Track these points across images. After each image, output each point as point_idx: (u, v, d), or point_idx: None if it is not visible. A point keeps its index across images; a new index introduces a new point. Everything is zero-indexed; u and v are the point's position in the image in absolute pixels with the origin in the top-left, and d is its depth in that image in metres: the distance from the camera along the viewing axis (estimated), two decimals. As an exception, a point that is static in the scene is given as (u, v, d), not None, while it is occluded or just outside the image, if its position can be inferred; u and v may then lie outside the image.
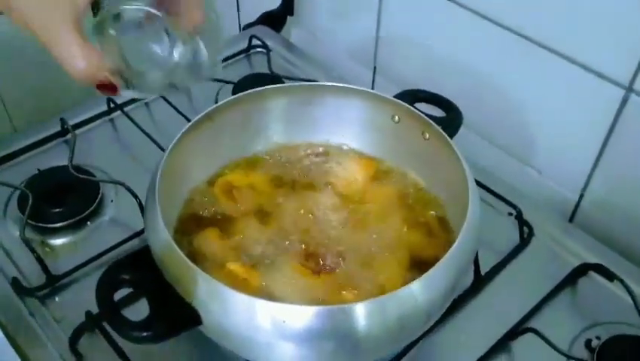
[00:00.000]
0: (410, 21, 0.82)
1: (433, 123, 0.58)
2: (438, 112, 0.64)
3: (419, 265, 0.54)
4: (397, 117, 0.61)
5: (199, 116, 0.58)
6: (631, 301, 0.59)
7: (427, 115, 0.59)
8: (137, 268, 0.47)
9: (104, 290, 0.46)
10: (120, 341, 0.55)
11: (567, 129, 0.71)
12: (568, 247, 0.67)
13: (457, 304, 0.61)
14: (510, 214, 0.70)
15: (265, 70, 0.87)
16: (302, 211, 0.59)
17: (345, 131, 0.65)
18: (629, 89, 0.63)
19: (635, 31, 0.59)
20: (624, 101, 0.64)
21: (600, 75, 0.64)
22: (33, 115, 0.79)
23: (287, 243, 0.56)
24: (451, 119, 0.62)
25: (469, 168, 0.53)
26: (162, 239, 0.46)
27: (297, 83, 0.64)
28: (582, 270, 0.64)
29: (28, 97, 1.39)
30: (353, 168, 0.63)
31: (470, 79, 0.78)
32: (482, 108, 0.78)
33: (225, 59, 0.90)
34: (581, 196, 0.73)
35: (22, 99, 1.40)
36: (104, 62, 0.43)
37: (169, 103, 0.79)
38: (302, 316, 0.43)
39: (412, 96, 0.64)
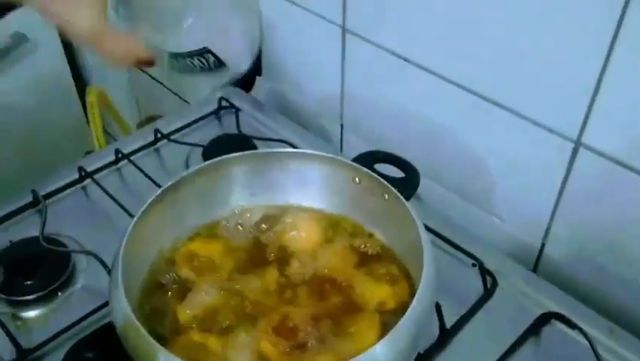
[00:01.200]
0: (371, 79, 0.85)
1: (389, 186, 0.60)
2: (398, 172, 0.66)
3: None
4: (357, 179, 0.64)
5: (164, 187, 0.60)
6: (589, 347, 0.61)
7: (385, 177, 0.61)
8: (100, 346, 0.48)
9: (68, 370, 0.47)
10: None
11: (524, 179, 0.73)
12: (531, 296, 0.69)
13: (424, 359, 0.62)
14: (474, 265, 0.71)
15: (234, 130, 0.90)
16: (269, 278, 0.60)
17: (308, 193, 0.66)
18: (578, 142, 0.65)
19: (579, 83, 0.62)
20: (574, 152, 0.66)
21: (549, 130, 0.67)
22: (4, 188, 0.80)
23: (253, 310, 0.57)
24: (409, 180, 0.65)
25: (424, 230, 0.56)
26: (124, 316, 0.47)
27: (259, 151, 0.67)
28: (545, 319, 0.66)
29: (4, 162, 1.41)
30: (316, 230, 0.65)
31: (431, 133, 0.81)
32: (443, 160, 0.80)
33: (195, 121, 0.93)
34: (543, 244, 0.75)
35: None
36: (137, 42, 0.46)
37: (139, 168, 0.81)
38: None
39: (371, 157, 0.66)
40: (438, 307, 0.61)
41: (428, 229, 0.59)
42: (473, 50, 0.70)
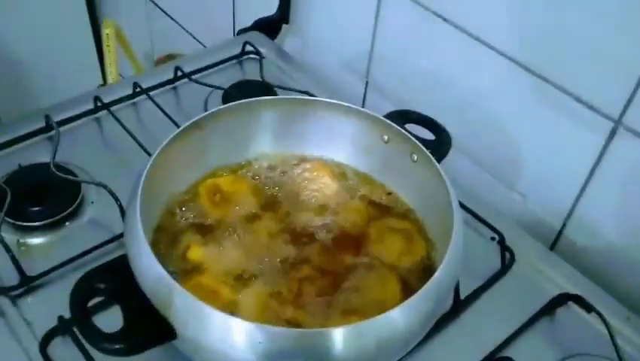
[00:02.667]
0: (405, 40, 0.82)
1: (422, 146, 0.57)
2: (428, 134, 0.64)
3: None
4: (386, 137, 0.61)
5: (188, 123, 0.57)
6: (607, 333, 0.60)
7: (416, 137, 0.59)
8: (113, 277, 0.46)
9: (78, 298, 0.45)
10: (92, 350, 0.53)
11: (554, 157, 0.71)
12: (549, 275, 0.67)
13: (435, 327, 0.60)
14: (493, 239, 0.70)
15: (257, 77, 0.87)
16: (284, 226, 0.58)
17: (334, 146, 0.64)
18: (618, 121, 0.63)
19: (628, 66, 0.60)
20: (612, 133, 0.64)
21: (591, 107, 0.64)
22: (18, 109, 0.77)
23: (265, 259, 0.55)
24: (440, 143, 0.62)
25: (455, 194, 0.53)
26: (140, 251, 0.46)
27: (289, 97, 0.64)
28: (561, 300, 0.64)
29: (14, 91, 1.39)
30: (337, 183, 0.63)
31: (462, 101, 0.78)
32: (471, 130, 0.78)
33: (217, 64, 0.90)
34: (564, 225, 0.73)
35: (8, 92, 1.40)
36: None
37: (157, 105, 0.78)
38: (279, 338, 0.42)
39: (403, 117, 0.64)
40: (454, 277, 0.60)
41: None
42: (519, 18, 0.67)
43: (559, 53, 0.65)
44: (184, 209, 0.58)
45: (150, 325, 0.44)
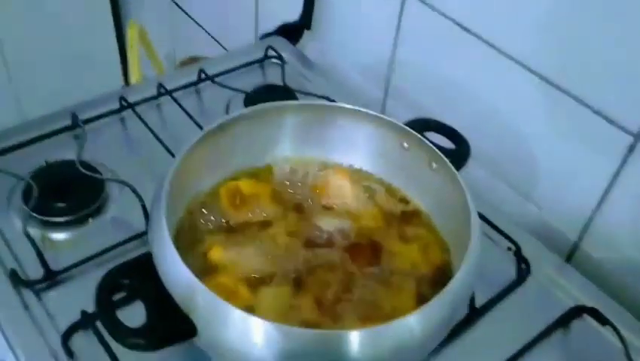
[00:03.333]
0: (426, 48, 0.82)
1: (441, 154, 0.58)
2: (447, 143, 0.64)
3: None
4: (406, 144, 0.62)
5: (211, 126, 0.58)
6: (622, 347, 0.60)
7: (436, 146, 0.60)
8: (138, 274, 0.47)
9: (103, 293, 0.46)
10: (113, 344, 0.55)
11: (572, 169, 0.71)
12: (564, 287, 0.68)
13: (449, 335, 0.61)
14: (509, 249, 0.70)
15: (278, 81, 0.88)
16: (303, 231, 0.59)
17: (354, 152, 0.65)
18: (637, 136, 0.63)
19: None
20: (631, 149, 0.64)
21: (610, 120, 0.65)
22: (44, 106, 0.79)
23: (284, 262, 0.56)
24: (459, 152, 0.63)
25: (473, 203, 0.54)
26: (165, 250, 0.47)
27: (311, 102, 0.65)
28: (576, 312, 0.65)
29: (41, 87, 1.42)
30: (356, 189, 0.64)
31: (480, 110, 0.78)
32: (489, 140, 0.78)
33: (239, 67, 0.91)
34: (580, 237, 0.73)
35: (34, 88, 1.43)
36: None
37: (180, 106, 0.80)
38: (297, 338, 0.43)
39: (422, 125, 0.64)
40: (470, 286, 0.60)
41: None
42: (541, 30, 0.68)
43: (579, 65, 0.66)
44: (205, 210, 0.59)
45: (172, 322, 0.45)
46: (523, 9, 0.69)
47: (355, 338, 0.44)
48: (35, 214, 0.66)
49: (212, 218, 0.59)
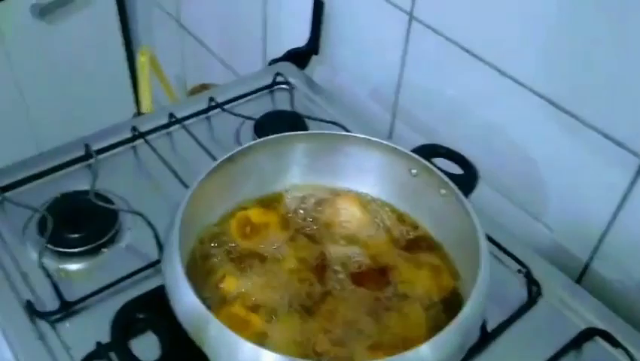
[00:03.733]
0: (433, 71, 0.83)
1: (449, 181, 0.59)
2: (455, 168, 0.65)
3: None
4: (414, 171, 0.63)
5: (223, 158, 0.59)
6: (634, 370, 0.60)
7: (444, 172, 0.60)
8: (151, 307, 0.48)
9: (118, 326, 0.47)
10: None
11: (582, 191, 0.72)
12: (576, 309, 0.67)
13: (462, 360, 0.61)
14: (520, 271, 0.70)
15: (287, 107, 0.89)
16: (314, 258, 0.60)
17: (363, 179, 0.66)
18: (646, 159, 0.63)
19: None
20: (640, 170, 0.65)
21: (619, 143, 0.65)
22: (57, 137, 0.81)
23: (295, 291, 0.57)
24: (467, 178, 0.64)
25: (482, 230, 0.54)
26: (177, 283, 0.48)
27: (320, 132, 0.66)
28: (588, 334, 0.65)
29: (53, 116, 1.44)
30: (365, 216, 0.64)
31: (488, 132, 0.79)
32: (498, 162, 0.79)
33: (249, 94, 0.92)
34: (591, 258, 0.73)
35: (47, 117, 1.45)
36: None
37: (191, 135, 0.81)
38: (310, 371, 0.44)
39: (430, 151, 0.65)
40: (481, 310, 0.60)
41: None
42: (545, 52, 0.68)
43: (585, 88, 0.66)
44: (215, 243, 0.60)
45: (185, 354, 0.46)
46: (528, 32, 0.69)
47: (366, 370, 0.44)
48: (50, 246, 0.67)
49: (224, 248, 0.60)
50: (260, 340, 0.51)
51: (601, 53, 0.63)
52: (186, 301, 0.47)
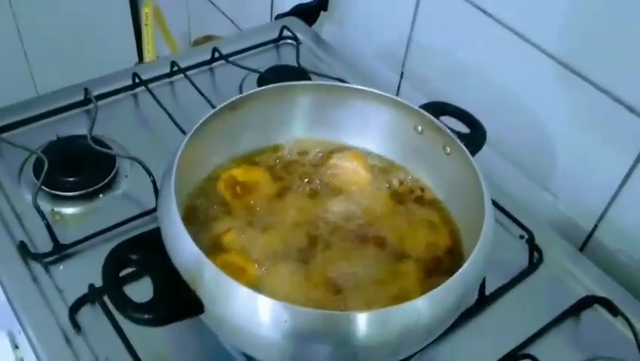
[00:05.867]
0: (444, 31, 0.81)
1: (456, 138, 0.57)
2: (463, 128, 0.63)
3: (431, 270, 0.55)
4: (420, 128, 0.61)
5: (224, 104, 0.57)
6: (633, 338, 0.59)
7: (451, 130, 0.59)
8: (146, 249, 0.47)
9: (110, 267, 0.46)
10: (120, 318, 0.55)
11: (589, 158, 0.70)
12: (576, 276, 0.67)
13: (458, 321, 0.60)
14: (522, 237, 0.69)
15: (292, 62, 0.87)
16: (312, 212, 0.58)
17: (367, 134, 0.64)
18: (658, 126, 0.62)
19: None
20: (651, 138, 0.63)
21: (630, 109, 0.63)
22: (57, 81, 0.79)
23: (292, 243, 0.55)
24: (475, 137, 0.62)
25: (487, 189, 0.53)
26: (173, 225, 0.46)
27: (325, 82, 0.63)
28: (587, 302, 0.64)
29: (54, 62, 1.42)
30: (366, 172, 0.63)
31: (498, 96, 0.77)
32: (505, 126, 0.77)
33: (254, 47, 0.90)
34: (595, 227, 0.72)
35: (48, 63, 1.43)
36: None
37: (194, 85, 0.79)
38: (304, 318, 0.43)
39: (438, 108, 0.63)
40: (480, 273, 0.59)
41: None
42: (561, 14, 0.66)
43: (601, 53, 0.64)
44: (215, 187, 0.59)
45: (179, 298, 0.45)
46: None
47: (362, 320, 0.43)
48: (45, 188, 0.66)
49: (221, 198, 0.59)
50: (255, 288, 0.50)
51: (616, 16, 0.61)
52: (182, 244, 0.45)
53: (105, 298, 0.56)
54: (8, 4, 1.34)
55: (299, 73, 0.84)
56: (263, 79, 0.81)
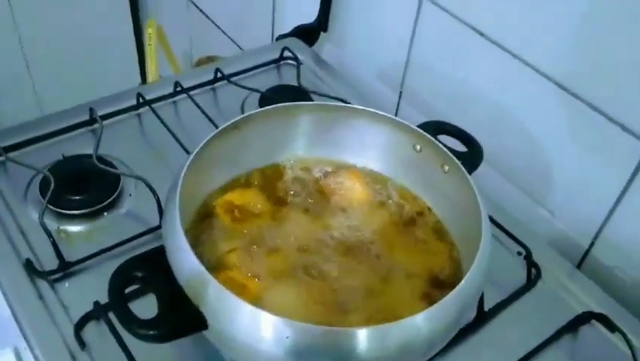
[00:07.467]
0: (441, 51, 0.83)
1: (453, 157, 0.58)
2: (460, 146, 0.65)
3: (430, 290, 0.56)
4: (418, 147, 0.62)
5: (227, 124, 0.59)
6: (630, 354, 0.60)
7: (448, 148, 0.60)
8: (151, 267, 0.48)
9: (117, 284, 0.47)
10: (125, 335, 0.56)
11: (585, 176, 0.71)
12: (574, 293, 0.68)
13: (457, 337, 0.61)
14: (520, 254, 0.70)
15: (293, 82, 0.89)
16: (313, 230, 0.59)
17: (366, 153, 0.65)
18: (652, 144, 0.63)
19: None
20: (645, 156, 0.64)
21: (624, 128, 0.65)
22: (61, 101, 0.80)
23: (293, 260, 0.56)
24: (472, 155, 0.63)
25: (485, 206, 0.54)
26: (177, 242, 0.47)
27: (325, 103, 0.65)
28: (585, 318, 0.65)
29: (58, 82, 1.44)
30: (366, 191, 0.64)
31: (494, 115, 0.79)
32: (502, 144, 0.78)
33: (255, 67, 0.92)
34: (592, 244, 0.73)
35: (52, 83, 1.45)
36: None
37: (196, 104, 0.81)
38: (306, 334, 0.44)
39: (435, 127, 0.65)
40: (479, 289, 0.60)
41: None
42: (556, 35, 0.68)
43: (594, 72, 0.66)
44: (218, 206, 0.60)
45: (183, 314, 0.46)
46: (539, 15, 0.69)
47: (362, 336, 0.44)
48: (50, 206, 0.67)
49: (225, 216, 0.60)
50: (257, 304, 0.51)
51: (611, 36, 0.63)
52: (185, 261, 0.47)
53: (110, 315, 0.56)
54: (13, 26, 1.36)
55: (299, 93, 0.85)
56: (265, 99, 0.83)
